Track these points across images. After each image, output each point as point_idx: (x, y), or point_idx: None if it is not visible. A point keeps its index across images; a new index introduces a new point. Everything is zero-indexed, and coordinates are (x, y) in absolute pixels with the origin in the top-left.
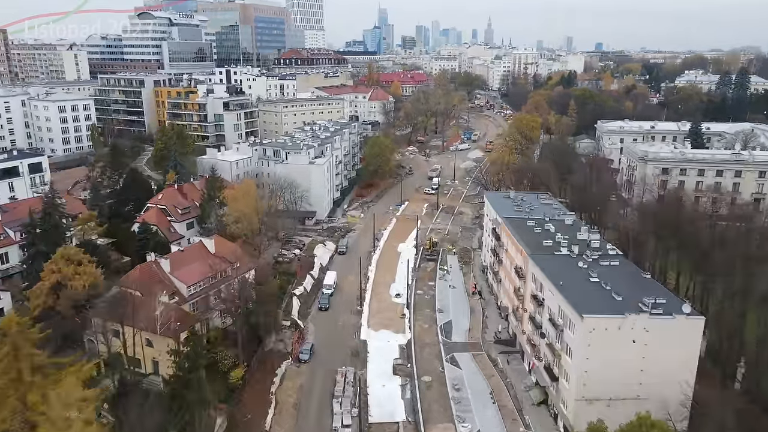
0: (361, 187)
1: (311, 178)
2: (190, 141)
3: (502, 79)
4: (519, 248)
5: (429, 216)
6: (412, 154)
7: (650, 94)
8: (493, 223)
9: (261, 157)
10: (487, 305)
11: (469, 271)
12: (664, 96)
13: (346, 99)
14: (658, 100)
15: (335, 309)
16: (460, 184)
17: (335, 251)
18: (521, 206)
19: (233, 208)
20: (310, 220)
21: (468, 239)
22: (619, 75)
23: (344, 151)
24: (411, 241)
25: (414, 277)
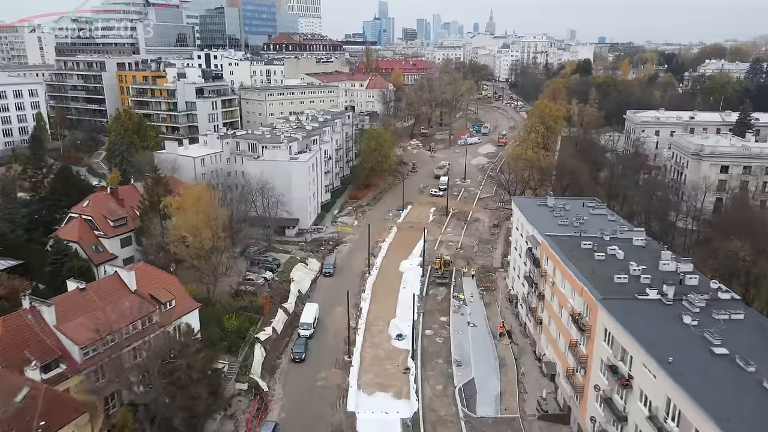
0: (355, 187)
1: (292, 177)
2: (151, 132)
3: (510, 69)
4: (578, 286)
5: (437, 224)
6: (415, 149)
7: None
8: (529, 242)
9: (234, 152)
10: (521, 354)
11: (493, 300)
12: (690, 86)
13: (340, 87)
14: (682, 89)
15: (315, 359)
16: (472, 184)
17: (319, 272)
18: (566, 218)
19: (180, 221)
20: (291, 230)
21: (487, 255)
22: (634, 65)
23: (336, 145)
24: (416, 258)
25: (421, 310)
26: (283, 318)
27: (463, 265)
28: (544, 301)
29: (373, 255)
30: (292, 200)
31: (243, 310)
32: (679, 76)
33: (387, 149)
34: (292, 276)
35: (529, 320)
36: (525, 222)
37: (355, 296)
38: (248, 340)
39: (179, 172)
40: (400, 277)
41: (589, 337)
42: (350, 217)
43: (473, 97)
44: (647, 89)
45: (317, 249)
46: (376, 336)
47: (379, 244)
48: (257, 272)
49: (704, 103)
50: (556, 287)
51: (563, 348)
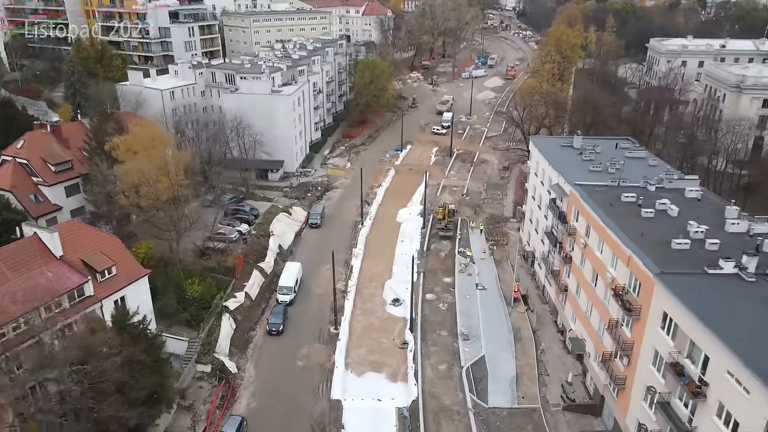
0: (349, 125)
1: (275, 113)
2: (117, 62)
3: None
4: (623, 253)
5: (440, 166)
6: (415, 82)
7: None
8: (553, 191)
9: (209, 85)
10: (540, 324)
11: (504, 257)
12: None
13: (334, 14)
14: (705, 17)
15: (295, 331)
16: (478, 121)
17: (305, 223)
18: (598, 163)
19: (130, 165)
20: (274, 174)
21: (496, 202)
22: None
23: (327, 77)
24: (416, 206)
25: (421, 269)
26: (259, 280)
27: (469, 215)
28: (572, 264)
29: (366, 203)
30: (276, 139)
31: (210, 273)
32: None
33: (384, 81)
34: (271, 229)
35: (549, 284)
36: (547, 167)
37: (345, 251)
38: (214, 310)
39: (144, 107)
40: (398, 228)
41: (638, 320)
42: (342, 158)
43: (479, 26)
44: (670, 16)
45: (304, 195)
46: (369, 301)
47: (374, 190)
48: (231, 225)
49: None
50: (590, 250)
51: (597, 325)
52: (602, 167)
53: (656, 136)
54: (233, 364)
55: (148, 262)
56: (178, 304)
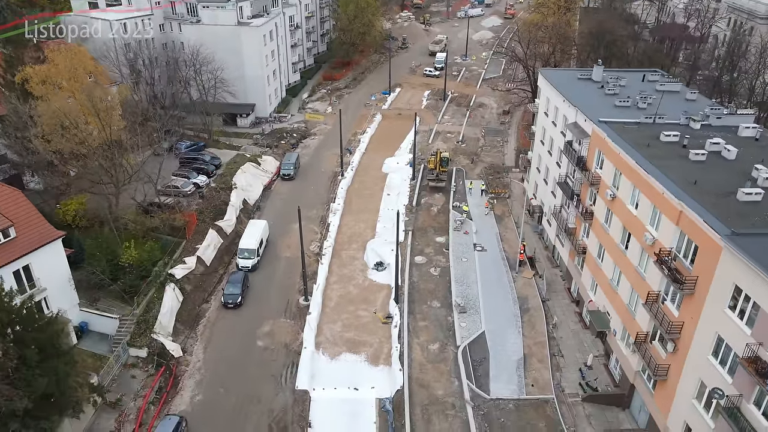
0: (332, 66)
1: (243, 48)
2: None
3: None
4: (670, 206)
5: (432, 110)
6: (406, 21)
7: None
8: (569, 132)
9: (169, 17)
10: (550, 293)
11: (507, 212)
12: None
13: None
14: None
15: (256, 304)
16: (475, 63)
17: (276, 174)
18: (624, 97)
19: (47, 104)
20: (245, 119)
21: (496, 150)
22: None
23: (306, 12)
24: (404, 154)
25: (409, 227)
26: (216, 242)
27: (466, 164)
28: (593, 221)
29: (348, 151)
30: (244, 79)
31: (154, 233)
32: None
33: (370, 16)
34: (234, 181)
35: (561, 244)
36: (562, 103)
37: (322, 207)
38: (155, 279)
39: (91, 42)
40: (384, 180)
41: (691, 295)
42: (323, 102)
43: None
44: None
45: (277, 143)
46: (347, 265)
47: (357, 137)
48: (186, 176)
49: None
50: (620, 203)
51: (627, 297)
52: (630, 102)
53: (676, 74)
54: (177, 347)
55: (79, 221)
56: (110, 272)
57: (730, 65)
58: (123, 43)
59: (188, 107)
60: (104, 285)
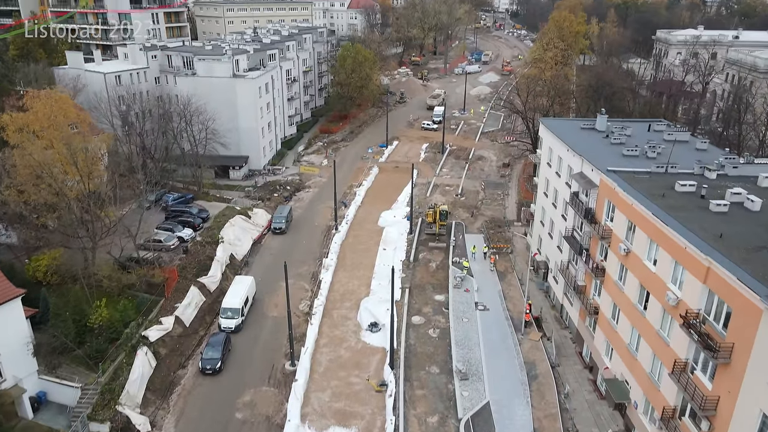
0: (329, 120)
1: (237, 100)
2: (64, 46)
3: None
4: (697, 264)
5: (430, 163)
6: (404, 77)
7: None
8: (575, 182)
9: (165, 70)
10: (560, 357)
11: (510, 268)
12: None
13: (317, 6)
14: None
15: (238, 368)
16: (473, 117)
17: (267, 228)
18: (632, 146)
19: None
20: (237, 172)
21: (497, 203)
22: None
23: (304, 66)
24: (401, 207)
25: (406, 284)
26: (198, 300)
27: (465, 218)
28: (605, 278)
29: (343, 204)
30: (238, 131)
31: (130, 291)
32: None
33: (367, 70)
34: (221, 235)
35: (569, 303)
36: (566, 153)
37: (314, 262)
38: (125, 343)
39: (84, 94)
40: (380, 234)
41: (728, 365)
42: (319, 155)
43: (471, 25)
44: (673, 11)
45: (269, 196)
46: (339, 326)
47: (353, 190)
48: (171, 230)
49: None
50: (635, 258)
51: (649, 365)
52: (639, 152)
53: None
54: (145, 420)
55: (51, 277)
56: (77, 334)
57: (738, 118)
58: (116, 95)
59: (179, 159)
60: (69, 349)
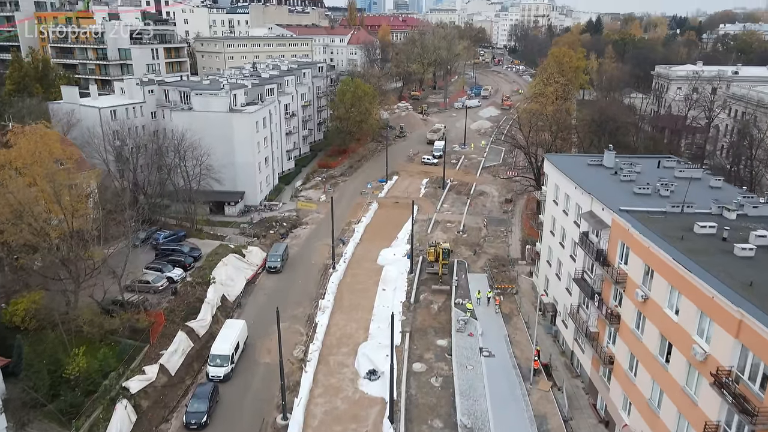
0: (327, 154)
1: (234, 135)
2: (62, 81)
3: (509, 34)
4: (726, 315)
5: (431, 199)
6: (404, 112)
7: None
8: (585, 222)
9: (161, 105)
10: (572, 409)
11: (515, 310)
12: (711, 47)
13: (317, 42)
14: (702, 52)
15: (226, 421)
16: (474, 151)
17: (261, 267)
18: (643, 184)
19: (7, 189)
20: (233, 207)
21: (500, 241)
22: (643, 29)
23: (303, 101)
24: (401, 245)
25: (407, 327)
26: (185, 346)
27: (468, 256)
28: (620, 325)
29: (341, 241)
30: (234, 166)
31: (112, 337)
32: (698, 36)
33: (367, 105)
34: (213, 275)
35: (581, 350)
36: (574, 190)
37: (309, 304)
38: (103, 396)
39: (79, 129)
40: (379, 273)
41: None
42: (317, 190)
43: (470, 61)
44: (670, 48)
45: (265, 233)
46: (336, 373)
47: (351, 227)
48: (160, 270)
49: (738, 61)
50: (654, 306)
51: (674, 425)
52: (651, 189)
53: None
54: None
55: (29, 322)
56: (51, 386)
57: (750, 154)
58: (111, 130)
59: (173, 195)
60: (41, 403)
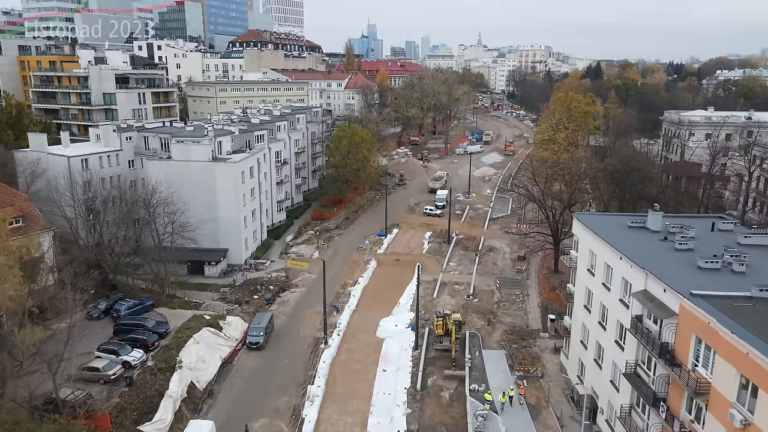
0: (322, 205)
1: (217, 187)
2: (36, 127)
3: (507, 80)
4: None
5: (435, 255)
6: (403, 158)
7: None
8: (640, 304)
9: (140, 153)
10: None
11: (543, 400)
12: (712, 93)
13: (313, 86)
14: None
15: None
16: (479, 200)
17: (241, 341)
18: (709, 255)
19: None
20: (214, 267)
21: (517, 306)
22: (641, 75)
23: (296, 147)
24: (404, 313)
25: (413, 424)
26: None
27: (480, 326)
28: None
29: (335, 308)
30: (217, 221)
31: None
32: (699, 81)
33: (364, 152)
34: (180, 357)
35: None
36: (617, 262)
37: (296, 391)
38: None
39: (44, 179)
40: (379, 348)
41: None
42: (310, 245)
43: (470, 105)
44: (674, 93)
45: (248, 298)
46: None
47: (347, 289)
48: (115, 352)
49: (745, 106)
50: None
51: None
52: (720, 263)
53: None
54: None
55: None
56: None
57: None
58: (82, 181)
59: (146, 254)
60: None
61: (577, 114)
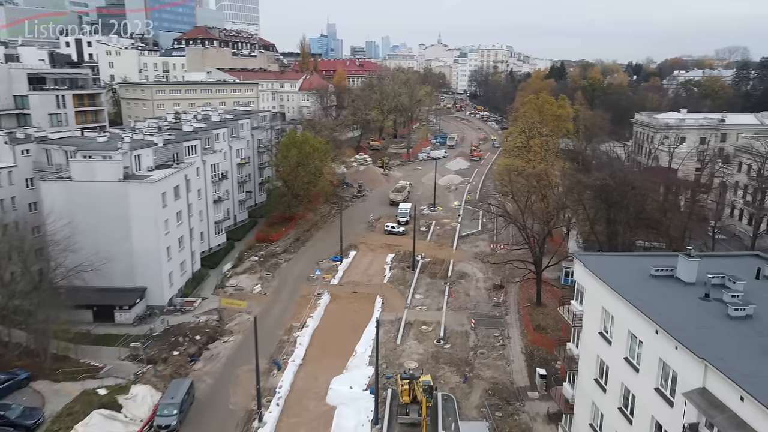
0: (268, 223)
1: (131, 213)
2: None
3: (469, 79)
4: None
5: (398, 285)
6: (362, 165)
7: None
8: (695, 407)
9: (41, 169)
10: None
11: None
12: (674, 93)
13: (265, 87)
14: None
15: None
16: (446, 214)
17: (148, 422)
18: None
19: None
20: (127, 312)
21: (496, 354)
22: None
23: (239, 158)
24: (362, 368)
25: None
26: None
27: (455, 384)
28: None
29: (276, 365)
30: (132, 255)
31: None
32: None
33: (317, 163)
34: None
35: None
36: (655, 336)
37: None
38: None
39: None
40: (329, 422)
41: None
42: (252, 275)
43: (432, 107)
44: (641, 94)
45: (167, 354)
46: None
47: (293, 335)
48: None
49: (712, 107)
50: None
51: None
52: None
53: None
54: None
55: None
56: None
57: None
58: None
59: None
60: None
61: (550, 117)
